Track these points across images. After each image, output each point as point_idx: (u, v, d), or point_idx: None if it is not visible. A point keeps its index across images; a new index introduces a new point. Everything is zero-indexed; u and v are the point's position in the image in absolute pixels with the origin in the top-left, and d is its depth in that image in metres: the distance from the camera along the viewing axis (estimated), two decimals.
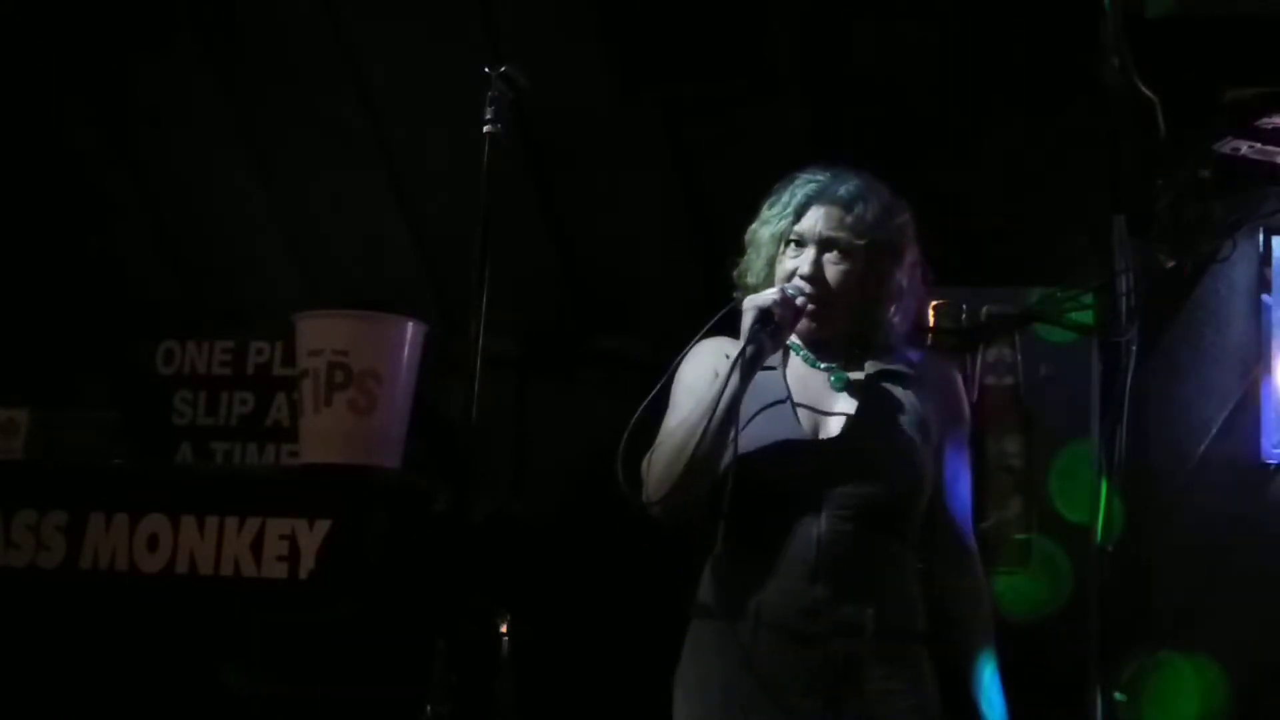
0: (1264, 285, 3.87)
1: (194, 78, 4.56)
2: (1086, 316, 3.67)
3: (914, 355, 2.60)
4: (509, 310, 3.06)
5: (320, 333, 3.93)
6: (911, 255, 2.58)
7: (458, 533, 2.79)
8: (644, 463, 2.51)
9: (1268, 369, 3.84)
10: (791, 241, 2.53)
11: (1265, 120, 3.62)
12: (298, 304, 4.21)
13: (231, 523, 3.83)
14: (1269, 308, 3.86)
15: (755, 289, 2.56)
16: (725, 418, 2.39)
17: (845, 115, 4.04)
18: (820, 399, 2.53)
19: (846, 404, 2.51)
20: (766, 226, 2.58)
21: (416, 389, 3.99)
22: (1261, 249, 3.88)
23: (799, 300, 2.46)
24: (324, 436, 3.89)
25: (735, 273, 2.64)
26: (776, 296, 2.43)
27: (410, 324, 3.98)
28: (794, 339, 2.58)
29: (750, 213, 2.65)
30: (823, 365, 2.56)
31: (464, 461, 2.71)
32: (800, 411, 2.51)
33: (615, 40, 4.16)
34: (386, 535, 3.79)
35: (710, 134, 4.20)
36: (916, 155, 3.95)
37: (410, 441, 3.97)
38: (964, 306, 3.67)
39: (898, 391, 2.53)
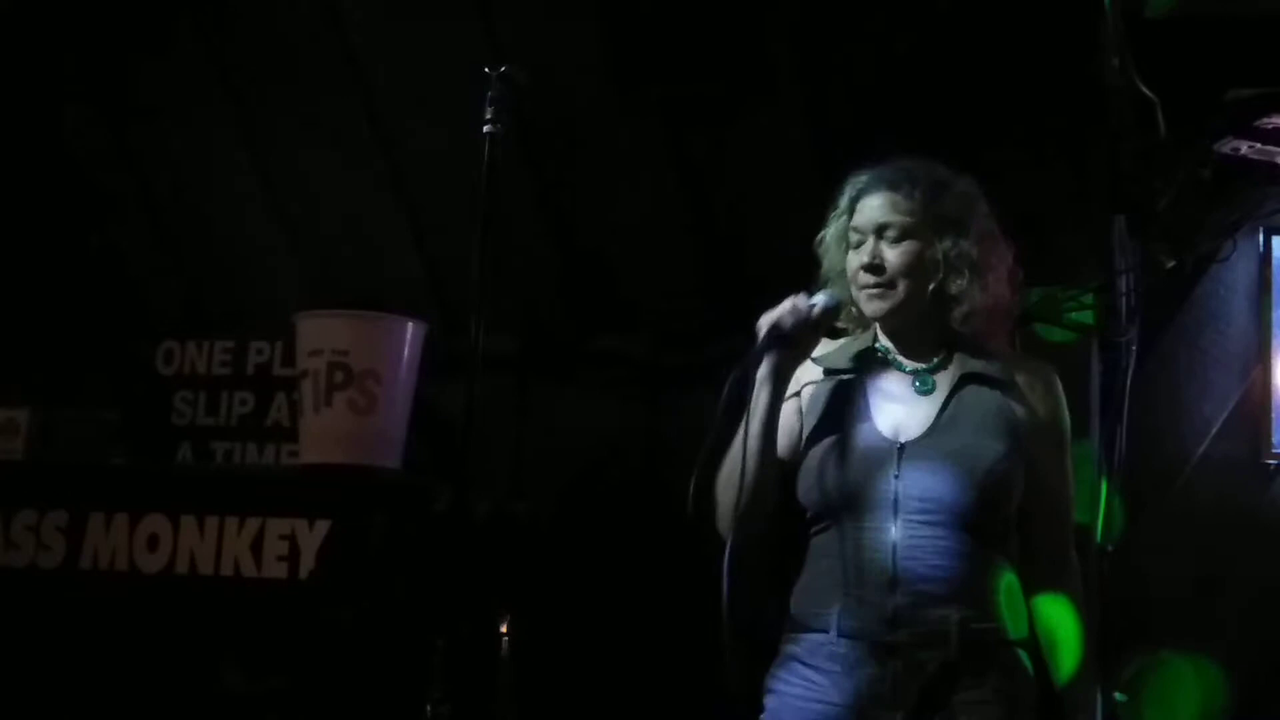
0: (1264, 285, 3.88)
1: (194, 77, 4.56)
2: (1086, 316, 3.67)
3: (1007, 355, 2.52)
4: (509, 310, 3.06)
5: (320, 333, 3.93)
6: (981, 227, 2.51)
7: (458, 533, 2.79)
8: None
9: (1268, 369, 3.84)
10: (853, 240, 2.51)
11: (1265, 120, 3.62)
12: (298, 304, 4.20)
13: (231, 523, 3.83)
14: (1269, 308, 3.87)
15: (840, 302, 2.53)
16: (762, 443, 2.39)
17: (844, 115, 4.04)
18: (904, 402, 2.47)
19: (930, 407, 2.45)
20: (828, 231, 2.57)
21: (416, 389, 3.99)
22: (1261, 249, 3.88)
23: (814, 310, 2.42)
24: (324, 436, 3.89)
25: (820, 273, 2.60)
26: (786, 308, 2.40)
27: (410, 324, 3.98)
28: (883, 342, 2.54)
29: (751, 213, 2.66)
30: (909, 368, 2.51)
31: (464, 461, 2.71)
32: (880, 416, 2.45)
33: (615, 40, 4.16)
34: (386, 535, 3.78)
35: (710, 134, 4.19)
36: (916, 156, 3.95)
37: (410, 441, 3.97)
38: None
39: (985, 393, 2.45)
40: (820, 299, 2.46)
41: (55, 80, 4.67)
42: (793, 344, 2.41)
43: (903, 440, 2.41)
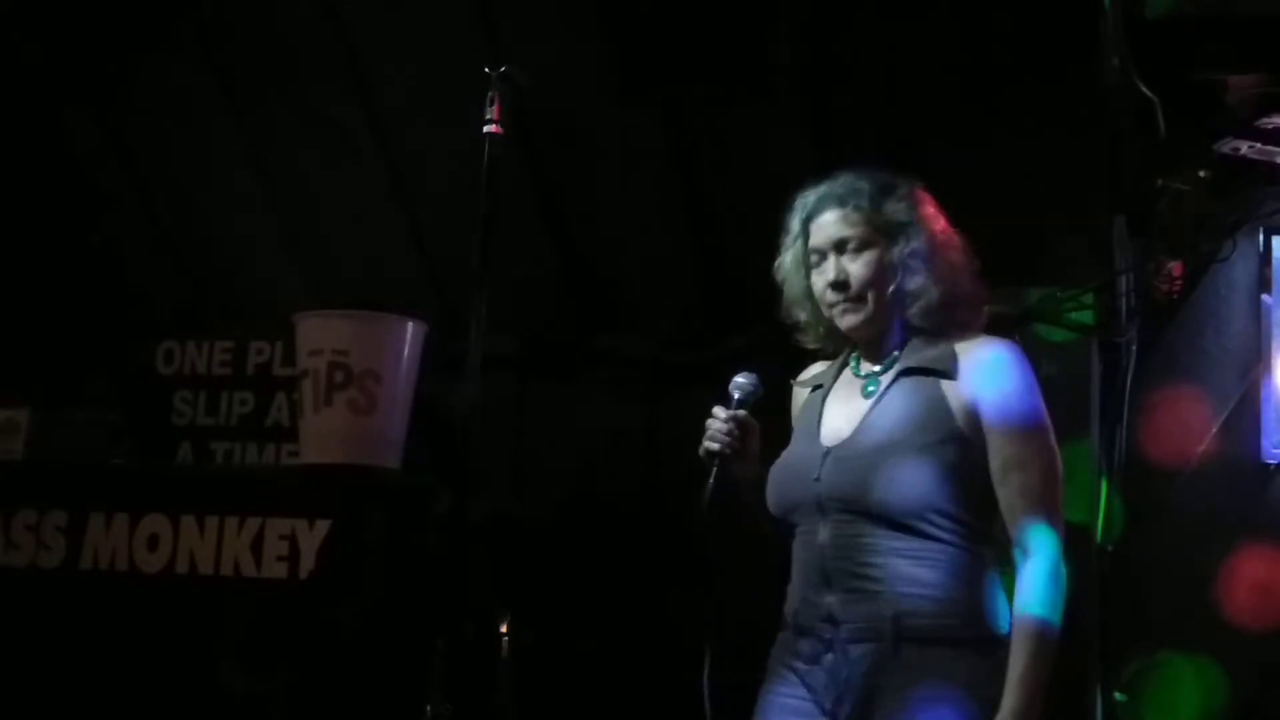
0: (1264, 285, 3.87)
1: (194, 77, 4.56)
2: (1086, 316, 3.67)
3: (961, 342, 2.51)
4: (509, 310, 3.06)
5: (320, 333, 3.93)
6: (929, 223, 2.56)
7: (458, 533, 2.79)
8: None
9: (1268, 369, 3.84)
10: (813, 261, 2.56)
11: (1265, 120, 3.62)
12: (298, 304, 4.20)
13: (231, 523, 3.83)
14: (1269, 308, 3.86)
15: (808, 324, 2.61)
16: (751, 509, 2.57)
17: (844, 116, 4.04)
18: (849, 407, 2.53)
19: (863, 406, 2.51)
20: (787, 256, 2.62)
21: (416, 389, 3.99)
22: (1261, 249, 3.88)
23: (738, 415, 2.52)
24: (324, 436, 3.89)
25: (782, 314, 2.66)
26: (712, 432, 2.51)
27: (410, 324, 3.98)
28: (855, 351, 2.60)
29: (751, 213, 2.66)
30: (864, 372, 2.56)
31: (464, 461, 2.71)
32: (828, 424, 2.53)
33: (615, 40, 4.16)
34: (386, 535, 3.78)
35: (710, 134, 4.20)
36: (916, 156, 3.95)
37: (410, 441, 3.97)
38: None
39: (920, 384, 2.46)
40: (737, 393, 2.54)
41: (55, 80, 4.67)
42: (738, 456, 2.52)
43: (830, 444, 2.49)
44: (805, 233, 2.57)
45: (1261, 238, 3.87)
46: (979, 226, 3.93)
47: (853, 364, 2.60)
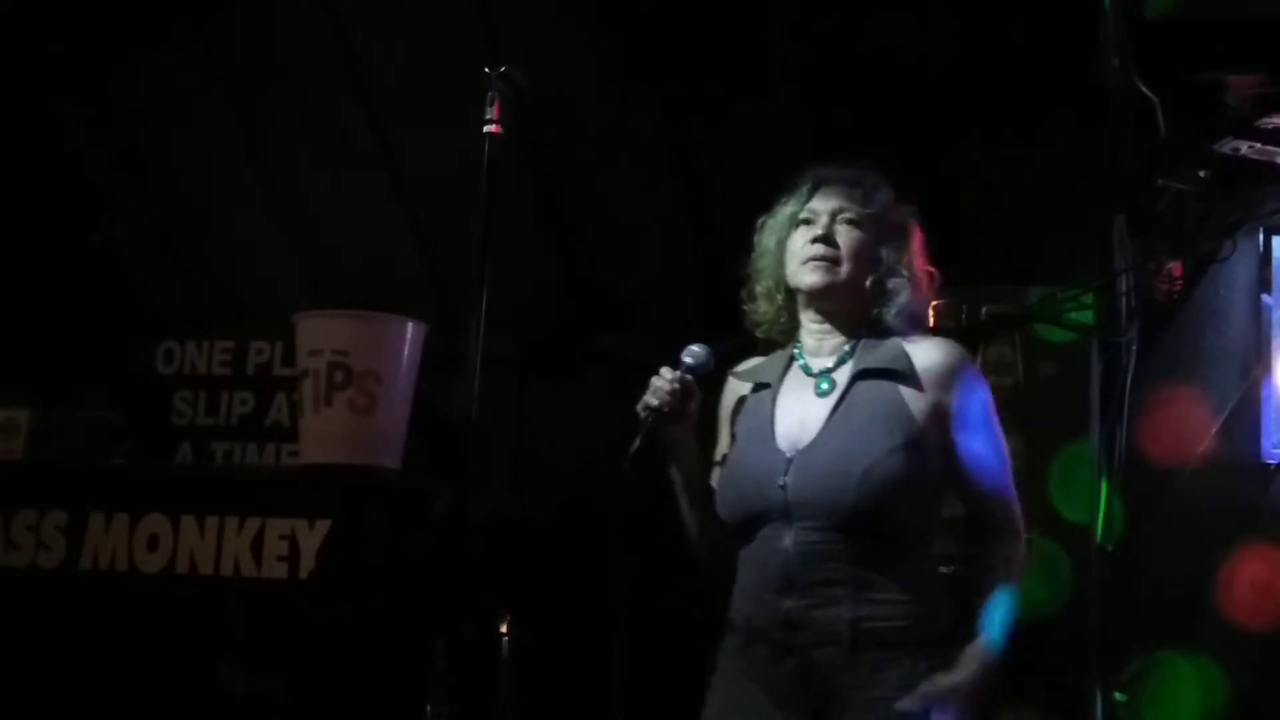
0: (1264, 285, 3.87)
1: (194, 78, 4.56)
2: (1086, 316, 3.67)
3: (912, 344, 2.55)
4: (509, 310, 3.06)
5: (320, 333, 3.93)
6: (916, 240, 2.60)
7: (458, 533, 2.79)
8: None
9: (1268, 369, 3.84)
10: (802, 222, 2.58)
11: (1265, 120, 3.62)
12: (298, 304, 4.20)
13: (231, 523, 3.83)
14: (1269, 308, 3.86)
15: (764, 293, 2.62)
16: (690, 503, 2.58)
17: (844, 116, 4.04)
18: (805, 408, 2.53)
19: (824, 409, 2.51)
20: (781, 210, 2.63)
21: (416, 389, 3.99)
22: (1261, 249, 3.88)
23: (685, 379, 2.52)
24: (324, 436, 3.89)
25: (744, 293, 2.67)
26: (655, 388, 2.50)
27: (410, 324, 3.98)
28: (800, 346, 2.60)
29: (751, 212, 2.66)
30: (815, 370, 2.56)
31: (464, 461, 2.71)
32: (781, 425, 2.53)
33: (615, 40, 4.16)
34: (386, 535, 3.78)
35: (710, 134, 4.20)
36: (916, 156, 3.96)
37: (410, 441, 3.97)
38: (964, 306, 3.67)
39: (879, 388, 2.49)
40: (689, 359, 2.55)
41: (55, 80, 4.67)
42: (675, 417, 2.51)
43: (792, 449, 2.48)
44: (810, 196, 2.59)
45: (1261, 238, 3.87)
46: (979, 226, 3.96)
47: (800, 360, 2.59)
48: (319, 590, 3.71)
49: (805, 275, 2.54)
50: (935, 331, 3.56)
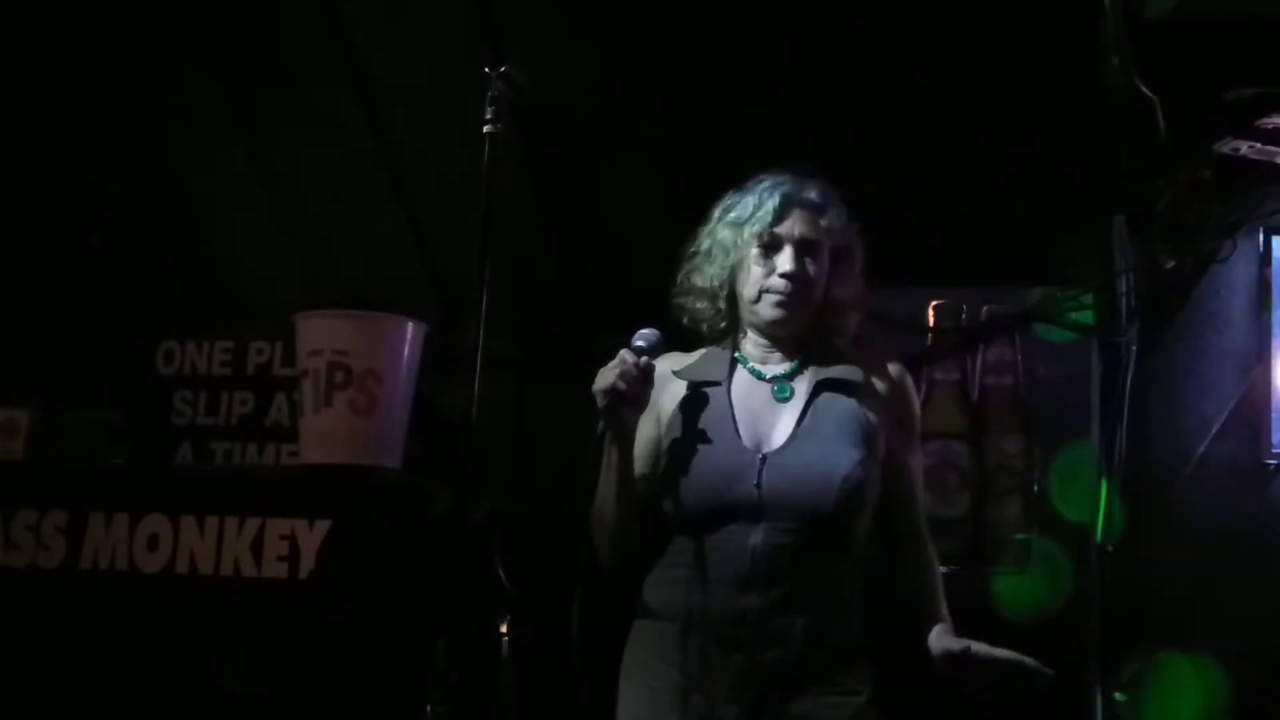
0: (1264, 285, 3.87)
1: (193, 77, 4.56)
2: (1086, 316, 3.67)
3: (860, 358, 2.62)
4: (509, 310, 3.06)
5: (320, 333, 3.93)
6: (857, 247, 2.66)
7: (458, 533, 2.79)
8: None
9: (1268, 369, 3.84)
10: (764, 246, 2.58)
11: (1265, 120, 3.62)
12: (298, 304, 4.20)
13: (231, 523, 3.83)
14: (1269, 308, 3.86)
15: (704, 291, 2.65)
16: (618, 492, 2.55)
17: (844, 116, 4.04)
18: (764, 411, 2.56)
19: (789, 415, 2.54)
20: (736, 229, 2.64)
21: (416, 389, 3.99)
22: (1261, 249, 3.88)
23: (642, 361, 2.52)
24: (324, 436, 3.89)
25: (679, 280, 2.71)
26: (618, 370, 2.51)
27: (410, 324, 3.98)
28: (744, 350, 2.62)
29: None
30: (769, 376, 2.59)
31: (464, 461, 2.71)
32: (743, 425, 2.55)
33: (615, 40, 4.16)
34: (386, 535, 3.78)
35: (710, 134, 4.19)
36: (916, 156, 3.96)
37: (410, 441, 3.97)
38: (964, 306, 3.67)
39: (842, 400, 2.55)
40: (642, 342, 2.57)
41: (55, 80, 4.67)
42: (633, 400, 2.53)
43: (764, 450, 2.50)
44: (775, 216, 2.59)
45: (1261, 238, 3.87)
46: (980, 226, 3.96)
47: (744, 363, 2.61)
48: (319, 590, 3.71)
49: (766, 309, 2.58)
50: (935, 332, 3.59)
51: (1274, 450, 3.82)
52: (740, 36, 4.06)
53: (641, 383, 2.53)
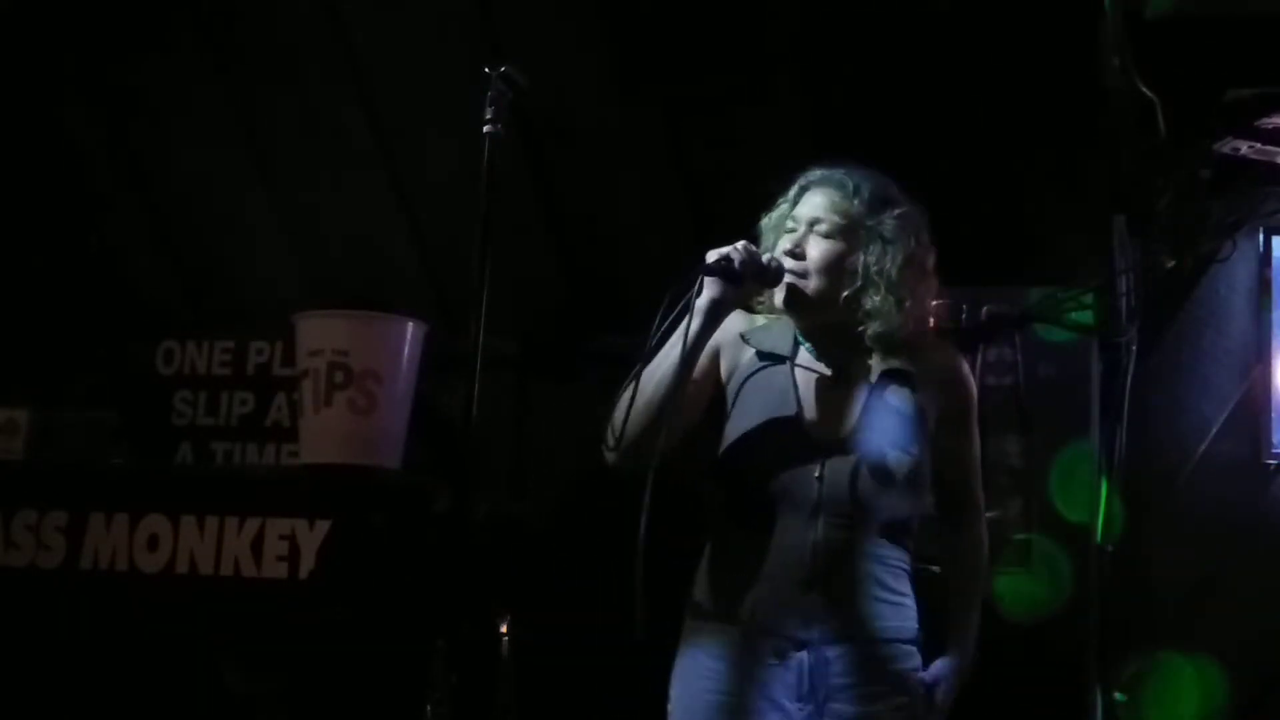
0: (1264, 285, 3.88)
1: (194, 77, 4.56)
2: (1086, 316, 3.67)
3: (915, 346, 2.55)
4: (509, 310, 3.07)
5: (320, 333, 3.93)
6: (911, 252, 2.51)
7: (458, 533, 2.79)
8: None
9: (1268, 369, 3.84)
10: (787, 227, 2.56)
11: (1265, 120, 3.62)
12: (298, 304, 4.20)
13: (231, 523, 3.83)
14: (1269, 308, 3.87)
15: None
16: (680, 368, 2.41)
17: (844, 115, 4.04)
18: (826, 399, 2.50)
19: (852, 408, 2.49)
20: (771, 215, 2.62)
21: (416, 389, 3.99)
22: (1261, 249, 3.88)
23: (766, 259, 2.45)
24: (324, 436, 3.89)
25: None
26: (739, 246, 2.43)
27: (410, 324, 3.98)
28: (799, 333, 2.57)
29: (751, 212, 2.66)
30: (829, 363, 2.54)
31: (464, 461, 2.71)
32: (805, 411, 2.49)
33: (615, 40, 4.16)
34: (386, 535, 3.78)
35: (710, 134, 4.19)
36: (916, 155, 3.95)
37: (410, 441, 3.97)
38: (964, 306, 3.67)
39: (903, 394, 2.50)
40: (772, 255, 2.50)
41: (55, 80, 4.67)
42: (737, 281, 2.42)
43: (827, 441, 2.46)
44: (796, 200, 2.57)
45: (1261, 238, 3.88)
46: (979, 226, 3.95)
47: (804, 345, 2.56)
48: (319, 590, 3.71)
49: (778, 292, 2.52)
50: (935, 333, 3.58)
51: (1274, 450, 3.82)
52: (740, 37, 4.06)
53: (754, 273, 2.43)
